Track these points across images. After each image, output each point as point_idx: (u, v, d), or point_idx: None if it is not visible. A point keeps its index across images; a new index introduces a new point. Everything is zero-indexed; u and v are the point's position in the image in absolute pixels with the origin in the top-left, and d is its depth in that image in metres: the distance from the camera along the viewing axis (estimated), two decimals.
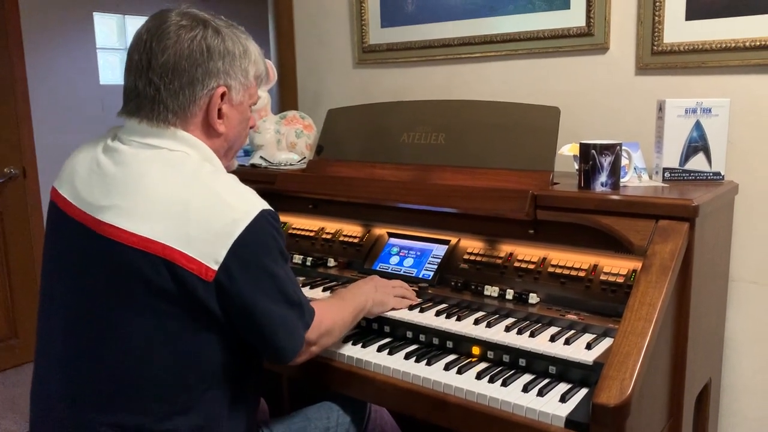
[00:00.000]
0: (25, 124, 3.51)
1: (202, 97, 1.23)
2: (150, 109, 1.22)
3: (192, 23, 1.22)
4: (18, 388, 3.32)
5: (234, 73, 1.25)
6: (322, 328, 1.31)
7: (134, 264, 1.13)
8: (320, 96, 2.64)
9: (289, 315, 1.23)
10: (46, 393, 1.25)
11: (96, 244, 1.17)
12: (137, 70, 1.22)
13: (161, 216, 1.13)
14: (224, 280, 1.13)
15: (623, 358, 1.20)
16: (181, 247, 1.11)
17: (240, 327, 1.20)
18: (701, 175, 1.64)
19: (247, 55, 1.28)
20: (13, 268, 3.50)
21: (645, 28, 1.84)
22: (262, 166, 2.17)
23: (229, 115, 1.28)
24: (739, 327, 1.84)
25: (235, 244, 1.12)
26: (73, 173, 1.27)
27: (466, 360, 1.45)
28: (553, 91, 2.04)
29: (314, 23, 2.63)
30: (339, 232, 1.97)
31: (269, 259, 1.18)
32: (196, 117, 1.24)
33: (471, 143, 1.78)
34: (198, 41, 1.21)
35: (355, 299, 1.49)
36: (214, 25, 1.24)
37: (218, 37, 1.23)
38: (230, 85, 1.25)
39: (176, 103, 1.21)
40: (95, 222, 1.18)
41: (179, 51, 1.19)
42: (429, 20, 2.26)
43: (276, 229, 1.20)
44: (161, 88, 1.20)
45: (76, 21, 4.40)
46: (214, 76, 1.22)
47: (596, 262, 1.52)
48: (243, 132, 1.35)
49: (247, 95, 1.31)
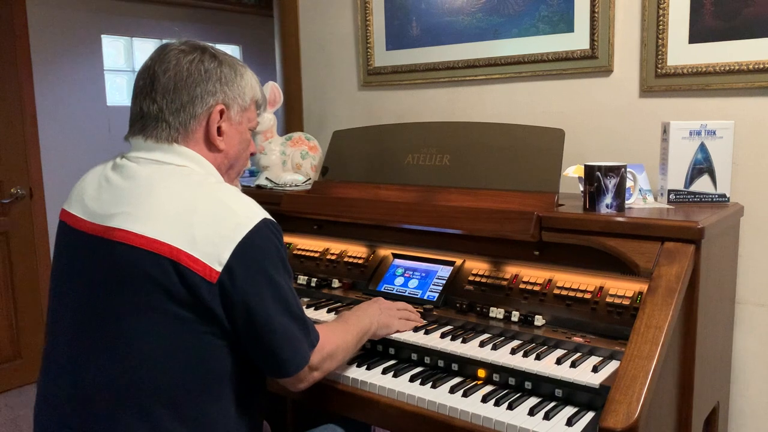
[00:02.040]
0: (33, 144, 3.54)
1: (201, 114, 1.30)
2: (154, 127, 1.29)
3: (191, 49, 1.32)
4: (21, 409, 3.30)
5: (231, 94, 1.33)
6: (325, 352, 1.31)
7: (143, 265, 1.15)
8: (326, 118, 2.66)
9: (293, 329, 1.24)
10: (52, 408, 1.25)
11: (105, 250, 1.20)
12: (142, 94, 1.30)
13: (168, 220, 1.17)
14: (227, 282, 1.16)
15: (630, 382, 1.19)
16: (187, 248, 1.15)
17: (243, 334, 1.20)
18: (706, 197, 1.64)
19: (244, 79, 1.36)
20: (18, 288, 3.51)
21: (649, 50, 1.85)
22: (268, 187, 2.18)
23: (229, 133, 1.34)
24: (747, 350, 1.82)
25: (238, 247, 1.16)
26: (82, 192, 1.32)
27: (471, 383, 1.44)
28: (558, 113, 2.05)
29: (320, 46, 2.65)
30: (344, 253, 1.97)
31: (271, 266, 1.21)
32: (196, 133, 1.30)
33: (476, 165, 1.78)
34: (196, 63, 1.29)
35: (360, 322, 1.49)
36: (212, 51, 1.34)
37: (215, 61, 1.32)
38: (228, 104, 1.33)
39: (178, 120, 1.28)
40: (105, 229, 1.21)
41: (179, 72, 1.28)
42: (433, 43, 2.28)
43: (278, 239, 1.24)
44: (164, 107, 1.28)
45: (84, 43, 4.44)
46: (212, 94, 1.30)
47: (602, 284, 1.51)
48: (243, 153, 1.41)
49: (245, 118, 1.38)
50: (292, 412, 2.18)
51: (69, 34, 4.37)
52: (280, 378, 1.27)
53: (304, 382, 1.29)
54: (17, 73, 3.44)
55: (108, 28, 4.61)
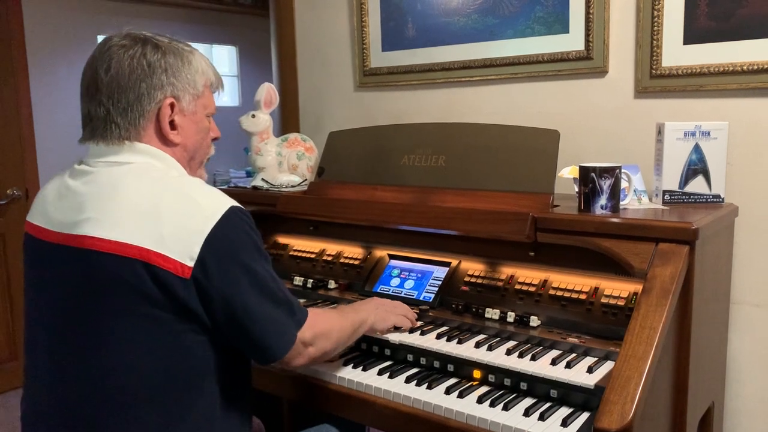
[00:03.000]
0: (29, 145, 3.54)
1: (150, 110, 1.25)
2: (103, 129, 1.25)
3: (131, 42, 1.26)
4: (18, 410, 3.29)
5: (180, 84, 1.28)
6: (317, 329, 1.29)
7: (114, 270, 1.13)
8: (322, 119, 2.66)
9: (276, 313, 1.22)
10: (35, 418, 1.26)
11: (75, 259, 1.17)
12: (87, 96, 1.26)
13: (134, 220, 1.15)
14: (201, 277, 1.14)
15: (624, 382, 1.20)
16: (156, 247, 1.12)
17: (225, 327, 1.19)
18: (701, 198, 1.64)
19: (192, 66, 1.30)
20: (14, 289, 3.50)
21: (643, 51, 1.86)
22: (264, 188, 2.18)
23: (183, 125, 1.30)
24: (742, 350, 1.83)
25: (207, 240, 1.14)
26: (44, 203, 1.29)
27: (467, 384, 1.44)
28: (553, 114, 2.05)
29: (316, 47, 2.65)
30: (340, 254, 1.97)
31: (244, 255, 1.19)
32: (147, 130, 1.26)
33: (471, 166, 1.78)
34: (137, 58, 1.24)
35: (356, 313, 1.48)
36: (154, 41, 1.28)
37: (158, 52, 1.26)
38: (178, 96, 1.28)
39: (126, 120, 1.24)
40: (71, 238, 1.19)
41: (121, 69, 1.23)
42: (429, 44, 2.29)
43: (248, 225, 1.21)
44: (110, 109, 1.24)
45: (81, 43, 4.45)
46: (159, 88, 1.25)
47: (597, 285, 1.52)
48: (203, 142, 1.37)
49: (200, 105, 1.33)
50: (287, 412, 2.18)
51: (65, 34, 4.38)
52: (269, 363, 1.25)
53: (299, 358, 1.27)
54: (13, 74, 3.44)
55: (104, 28, 4.61)
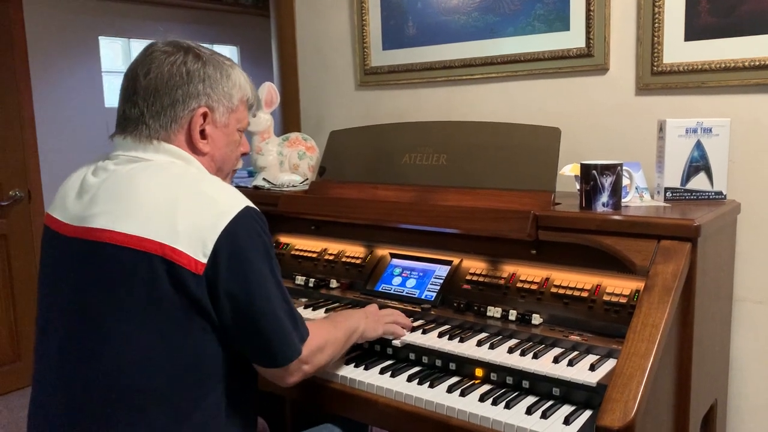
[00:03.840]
0: (31, 147, 3.54)
1: (183, 117, 1.28)
2: (134, 127, 1.27)
3: (173, 49, 1.29)
4: (22, 411, 3.30)
5: (216, 96, 1.30)
6: (314, 345, 1.29)
7: (128, 264, 1.14)
8: (323, 118, 2.66)
9: (282, 319, 1.21)
10: (44, 413, 1.25)
11: (90, 252, 1.18)
12: (125, 97, 1.29)
13: (150, 215, 1.16)
14: (212, 273, 1.14)
15: (627, 380, 1.19)
16: (171, 242, 1.13)
17: (231, 325, 1.19)
18: (703, 195, 1.64)
19: (230, 80, 1.33)
20: (17, 290, 3.51)
21: (644, 48, 1.85)
22: (265, 187, 2.18)
23: (213, 136, 1.32)
24: (745, 347, 1.82)
25: (221, 236, 1.14)
26: (64, 196, 1.31)
27: (469, 382, 1.44)
28: (554, 112, 2.05)
29: (317, 46, 2.65)
30: (341, 253, 1.97)
31: (255, 255, 1.19)
32: (178, 135, 1.28)
33: (472, 164, 1.78)
34: (178, 65, 1.27)
35: (347, 321, 1.47)
36: (196, 51, 1.30)
37: (199, 62, 1.29)
38: (212, 107, 1.30)
39: (158, 123, 1.27)
40: (87, 231, 1.20)
41: (160, 74, 1.26)
42: (430, 42, 2.29)
43: (261, 228, 1.21)
44: (144, 110, 1.26)
45: (82, 45, 4.45)
46: (195, 97, 1.28)
47: (599, 283, 1.51)
48: (232, 155, 1.38)
49: (234, 119, 1.35)
50: (290, 412, 2.18)
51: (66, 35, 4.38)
52: (270, 368, 1.25)
53: (295, 375, 1.27)
54: (15, 75, 3.44)
55: (105, 29, 4.62)
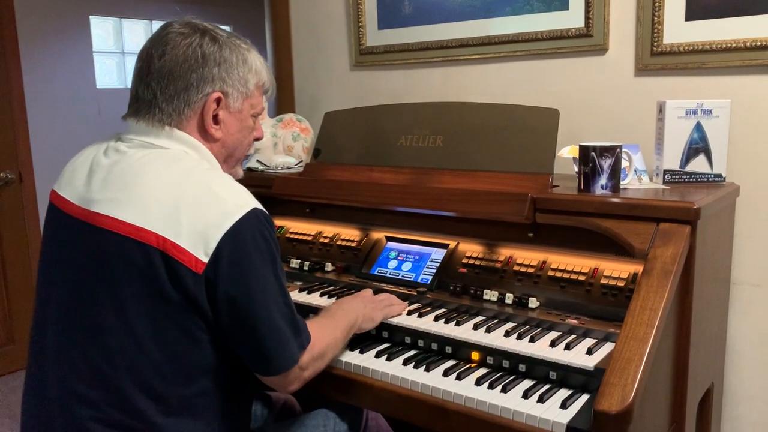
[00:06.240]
0: (22, 128, 3.49)
1: (197, 102, 1.25)
2: (146, 111, 1.25)
3: (190, 31, 1.25)
4: (15, 394, 3.29)
5: (231, 81, 1.27)
6: (315, 352, 1.26)
7: (128, 254, 1.12)
8: (317, 99, 2.63)
9: (282, 327, 1.18)
10: (40, 394, 1.24)
11: (92, 237, 1.17)
12: (138, 77, 1.26)
13: (156, 207, 1.14)
14: (212, 274, 1.12)
15: (625, 364, 1.18)
16: (173, 237, 1.11)
17: (228, 329, 1.17)
18: (702, 177, 1.62)
19: (246, 64, 1.29)
20: (9, 273, 3.48)
21: (644, 28, 1.82)
22: (259, 169, 2.15)
23: (227, 121, 1.29)
24: (742, 330, 1.82)
25: (225, 237, 1.12)
26: (73, 174, 1.28)
27: (465, 365, 1.43)
28: (552, 93, 2.02)
29: (311, 26, 2.61)
30: (337, 236, 1.95)
31: (259, 259, 1.16)
32: (191, 120, 1.26)
33: (469, 146, 1.76)
34: (194, 48, 1.23)
35: (347, 317, 1.44)
36: (213, 34, 1.27)
37: (215, 45, 1.25)
38: (227, 92, 1.27)
39: (171, 107, 1.24)
40: (91, 215, 1.18)
41: (175, 57, 1.22)
42: (426, 22, 2.25)
43: (268, 231, 1.18)
44: (157, 93, 1.23)
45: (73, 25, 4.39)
46: (209, 81, 1.24)
47: (597, 266, 1.50)
48: (244, 140, 1.36)
49: (248, 104, 1.32)
50: None
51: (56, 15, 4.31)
52: (266, 376, 1.22)
53: (294, 383, 1.24)
54: (4, 56, 3.38)
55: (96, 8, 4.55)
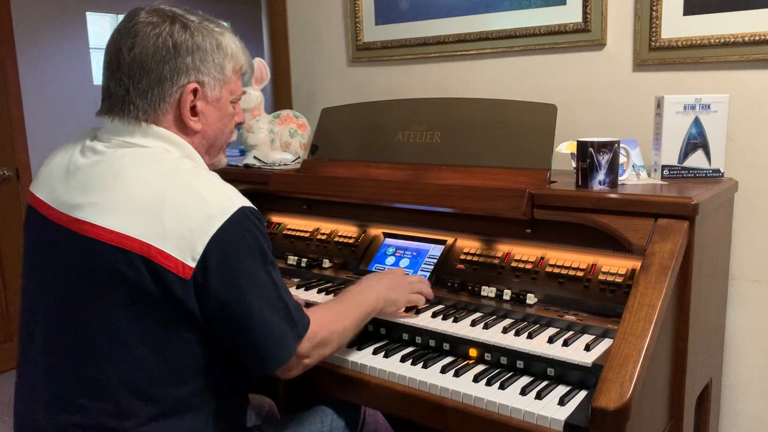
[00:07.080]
0: (18, 124, 3.48)
1: (172, 95, 1.20)
2: (120, 107, 1.20)
3: (159, 19, 1.19)
4: (11, 393, 3.29)
5: (206, 69, 1.22)
6: (317, 339, 1.23)
7: (113, 262, 1.09)
8: (314, 95, 2.62)
9: (276, 322, 1.16)
10: (29, 399, 1.23)
11: (74, 244, 1.14)
12: (109, 72, 1.21)
13: (138, 212, 1.10)
14: (201, 279, 1.10)
15: (623, 361, 1.18)
16: (158, 243, 1.08)
17: (221, 331, 1.15)
18: (700, 173, 1.62)
19: (221, 50, 1.24)
20: (7, 271, 3.47)
21: (642, 23, 1.81)
22: (256, 166, 2.14)
23: (205, 111, 1.25)
24: (740, 326, 1.81)
25: (212, 241, 1.09)
26: (50, 175, 1.25)
27: (463, 362, 1.42)
28: (550, 88, 2.01)
29: (308, 21, 2.60)
30: (334, 233, 1.94)
31: (249, 258, 1.13)
32: (167, 114, 1.21)
33: (467, 142, 1.75)
34: (164, 38, 1.18)
35: (365, 301, 1.40)
36: (183, 20, 1.21)
37: (186, 32, 1.20)
38: (203, 81, 1.22)
39: (145, 102, 1.19)
40: (72, 221, 1.15)
41: (145, 48, 1.17)
42: (424, 17, 2.24)
43: (257, 228, 1.15)
44: (130, 88, 1.19)
45: (69, 20, 4.37)
46: (183, 72, 1.20)
47: (595, 262, 1.49)
48: (225, 128, 1.31)
49: (226, 91, 1.27)
50: (283, 394, 2.17)
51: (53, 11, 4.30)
52: (263, 373, 1.21)
53: (294, 370, 1.22)
54: (0, 52, 3.37)
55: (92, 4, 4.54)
